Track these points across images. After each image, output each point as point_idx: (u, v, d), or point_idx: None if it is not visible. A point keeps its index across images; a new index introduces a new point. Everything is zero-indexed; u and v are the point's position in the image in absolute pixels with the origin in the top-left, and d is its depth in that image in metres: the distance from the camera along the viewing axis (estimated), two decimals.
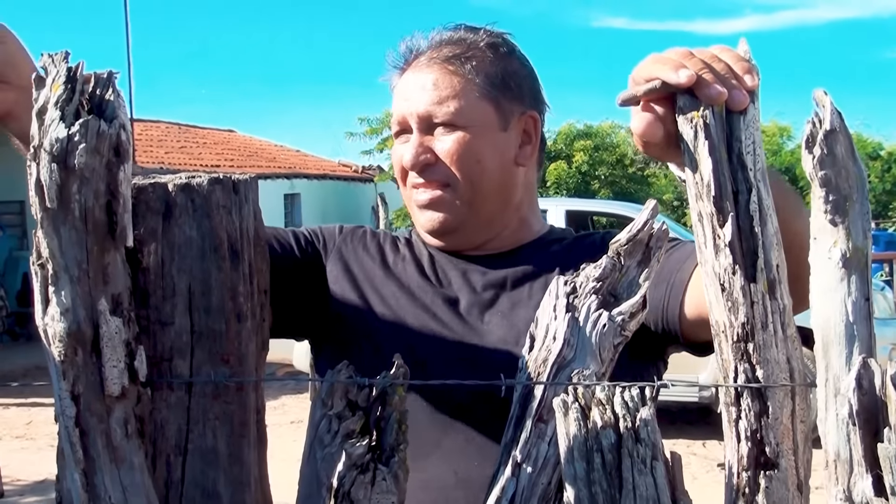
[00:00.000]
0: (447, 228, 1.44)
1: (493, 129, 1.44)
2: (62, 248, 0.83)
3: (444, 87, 1.41)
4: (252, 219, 0.90)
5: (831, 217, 0.83)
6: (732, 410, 0.89)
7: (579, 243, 1.50)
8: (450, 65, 1.43)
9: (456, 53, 1.43)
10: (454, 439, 1.34)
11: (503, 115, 1.45)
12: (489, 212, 1.45)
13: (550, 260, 1.45)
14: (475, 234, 1.47)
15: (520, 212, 1.51)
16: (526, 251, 1.49)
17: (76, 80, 0.85)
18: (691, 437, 7.21)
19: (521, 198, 1.50)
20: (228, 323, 0.89)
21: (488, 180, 1.43)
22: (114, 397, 0.85)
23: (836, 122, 0.83)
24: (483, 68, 1.43)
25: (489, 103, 1.43)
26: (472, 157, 1.41)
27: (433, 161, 1.42)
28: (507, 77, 1.45)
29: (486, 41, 1.45)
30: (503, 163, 1.45)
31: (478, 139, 1.42)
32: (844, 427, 0.81)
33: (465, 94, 1.42)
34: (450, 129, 1.41)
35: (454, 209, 1.43)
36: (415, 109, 1.42)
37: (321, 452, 0.87)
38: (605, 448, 0.84)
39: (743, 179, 0.89)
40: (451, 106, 1.40)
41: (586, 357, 0.94)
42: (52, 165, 0.81)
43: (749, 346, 0.87)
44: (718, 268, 0.88)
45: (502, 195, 1.47)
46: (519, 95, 1.47)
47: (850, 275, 0.82)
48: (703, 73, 0.95)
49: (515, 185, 1.48)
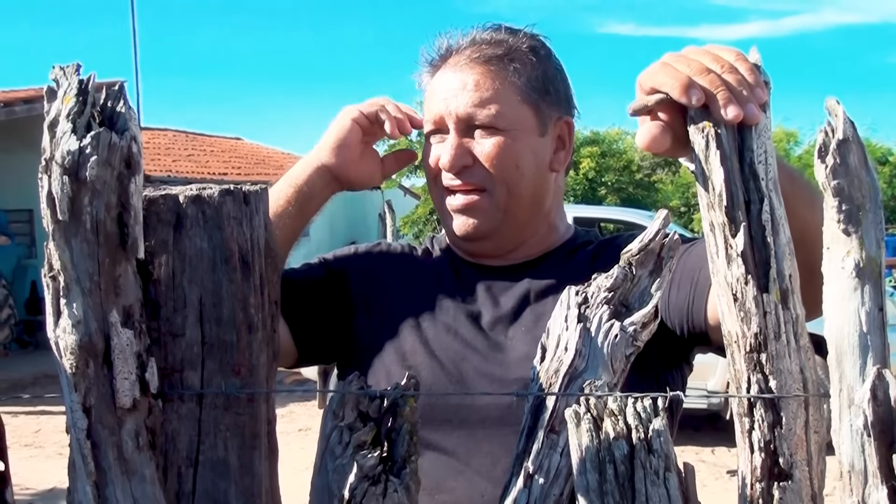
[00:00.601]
0: (481, 234, 1.43)
1: (532, 134, 1.42)
2: (74, 260, 0.83)
3: (486, 88, 1.39)
4: (263, 230, 0.90)
5: (844, 226, 0.83)
6: (745, 421, 0.88)
7: (604, 248, 1.48)
8: (492, 65, 1.40)
9: (498, 54, 1.41)
10: (481, 461, 1.32)
11: (542, 120, 1.43)
12: (523, 218, 1.44)
13: (576, 268, 1.43)
14: (507, 240, 1.46)
15: (549, 217, 1.50)
16: (551, 259, 1.48)
17: (87, 93, 0.85)
18: (700, 444, 7.18)
19: (550, 203, 1.49)
20: (239, 334, 0.88)
21: (525, 186, 1.42)
22: (125, 409, 0.85)
23: (849, 131, 0.82)
24: (525, 71, 1.41)
25: (529, 107, 1.42)
26: (512, 162, 1.40)
27: (471, 164, 1.40)
28: (546, 81, 1.44)
29: (527, 44, 1.44)
30: (539, 168, 1.44)
31: (517, 143, 1.40)
32: (859, 438, 0.81)
33: (507, 96, 1.40)
34: (490, 132, 1.39)
35: (489, 214, 1.41)
36: (454, 109, 1.39)
37: (332, 464, 0.87)
38: (618, 459, 0.83)
39: (755, 189, 0.89)
40: (493, 108, 1.38)
41: (598, 368, 0.94)
42: (64, 178, 0.81)
43: (762, 356, 0.87)
44: (731, 277, 0.88)
45: (536, 201, 1.45)
46: (556, 100, 1.46)
47: (863, 284, 0.82)
48: (719, 90, 0.93)
49: (548, 190, 1.47)
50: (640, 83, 1.00)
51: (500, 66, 1.40)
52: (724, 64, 0.96)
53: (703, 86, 0.93)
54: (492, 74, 1.40)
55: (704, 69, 0.95)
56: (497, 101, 1.39)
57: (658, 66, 0.98)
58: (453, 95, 1.40)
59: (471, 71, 1.40)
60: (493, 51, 1.41)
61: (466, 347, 1.39)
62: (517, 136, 1.40)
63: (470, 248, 1.48)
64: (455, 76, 1.41)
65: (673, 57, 0.99)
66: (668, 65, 0.97)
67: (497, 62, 1.40)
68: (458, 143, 1.40)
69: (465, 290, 1.46)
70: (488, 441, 1.31)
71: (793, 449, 0.87)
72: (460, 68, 1.41)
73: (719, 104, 0.92)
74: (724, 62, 0.96)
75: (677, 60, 0.98)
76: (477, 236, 1.43)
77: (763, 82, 0.95)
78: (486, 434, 1.31)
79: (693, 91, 0.93)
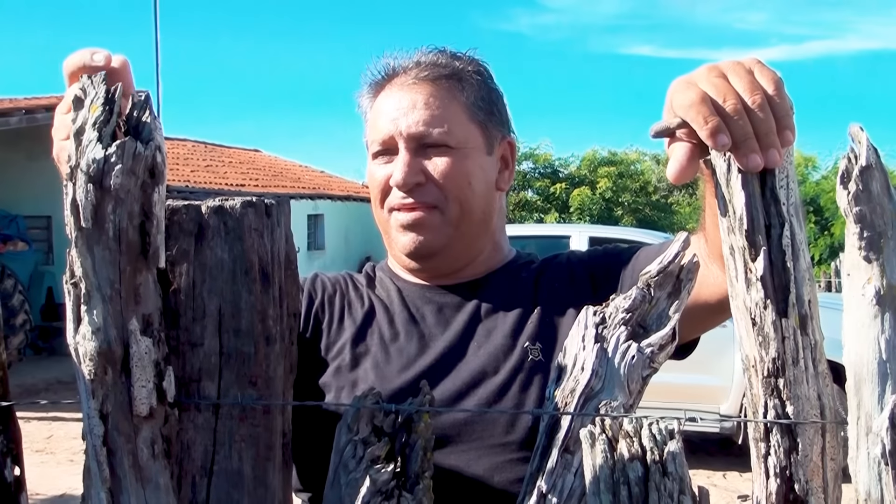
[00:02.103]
0: (430, 251, 1.43)
1: (480, 153, 1.44)
2: (95, 267, 0.84)
3: (437, 106, 1.39)
4: (283, 242, 0.91)
5: (865, 254, 0.82)
6: (762, 446, 0.88)
7: (548, 265, 1.50)
8: (441, 84, 1.41)
9: (446, 74, 1.42)
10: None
11: (488, 139, 1.45)
12: (472, 235, 1.45)
13: (522, 285, 1.45)
14: (456, 257, 1.46)
15: (495, 236, 1.51)
16: (497, 277, 1.49)
17: (114, 102, 0.86)
18: (712, 468, 7.13)
19: (497, 222, 1.51)
20: (257, 345, 0.89)
21: (476, 203, 1.43)
22: (142, 417, 0.85)
23: (872, 158, 0.82)
24: (472, 92, 1.43)
25: (477, 127, 1.43)
26: (464, 179, 1.40)
27: (424, 181, 1.39)
28: (490, 103, 1.46)
29: (473, 66, 1.45)
30: (488, 186, 1.45)
31: (468, 161, 1.41)
32: (876, 466, 0.80)
33: (457, 115, 1.41)
34: (442, 150, 1.39)
35: (440, 231, 1.41)
36: (405, 128, 1.39)
37: (346, 478, 0.87)
38: (632, 481, 0.83)
39: (776, 213, 0.89)
40: (444, 126, 1.39)
41: (614, 388, 0.93)
42: (89, 186, 0.82)
43: (780, 381, 0.86)
44: (749, 302, 0.88)
45: (485, 219, 1.46)
46: (500, 121, 1.48)
47: (883, 312, 0.82)
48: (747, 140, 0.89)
49: (495, 209, 1.49)
50: (670, 103, 0.96)
51: (449, 86, 1.41)
52: (759, 99, 0.91)
53: (732, 130, 0.89)
54: (441, 93, 1.41)
55: (739, 109, 0.90)
56: (448, 120, 1.39)
57: (695, 96, 0.92)
58: (403, 114, 1.40)
59: (420, 90, 1.41)
60: (441, 71, 1.42)
61: (420, 370, 1.38)
62: (468, 153, 1.41)
63: (418, 267, 1.47)
64: (404, 95, 1.41)
65: (711, 81, 0.93)
66: (705, 100, 0.91)
67: (446, 81, 1.41)
68: (409, 160, 1.39)
69: (414, 313, 1.45)
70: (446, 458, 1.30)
71: (809, 476, 0.86)
72: (408, 87, 1.42)
73: (742, 151, 0.89)
74: (760, 96, 0.91)
75: (716, 89, 0.92)
76: (427, 252, 1.43)
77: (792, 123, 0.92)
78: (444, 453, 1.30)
79: (721, 137, 0.89)
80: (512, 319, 1.41)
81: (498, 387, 1.34)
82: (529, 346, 1.37)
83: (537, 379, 1.34)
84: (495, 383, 1.34)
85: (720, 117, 0.90)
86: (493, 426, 1.32)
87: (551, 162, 25.71)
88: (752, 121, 0.90)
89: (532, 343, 1.37)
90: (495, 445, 1.31)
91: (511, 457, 1.30)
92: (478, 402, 1.32)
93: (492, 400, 1.33)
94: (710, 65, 0.97)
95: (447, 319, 1.44)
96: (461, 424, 1.32)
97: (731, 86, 0.93)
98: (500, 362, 1.36)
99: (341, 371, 1.40)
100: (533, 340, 1.37)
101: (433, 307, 1.45)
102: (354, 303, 1.49)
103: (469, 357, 1.38)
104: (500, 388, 1.34)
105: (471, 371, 1.36)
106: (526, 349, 1.36)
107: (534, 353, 1.36)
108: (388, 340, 1.42)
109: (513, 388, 1.34)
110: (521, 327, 1.40)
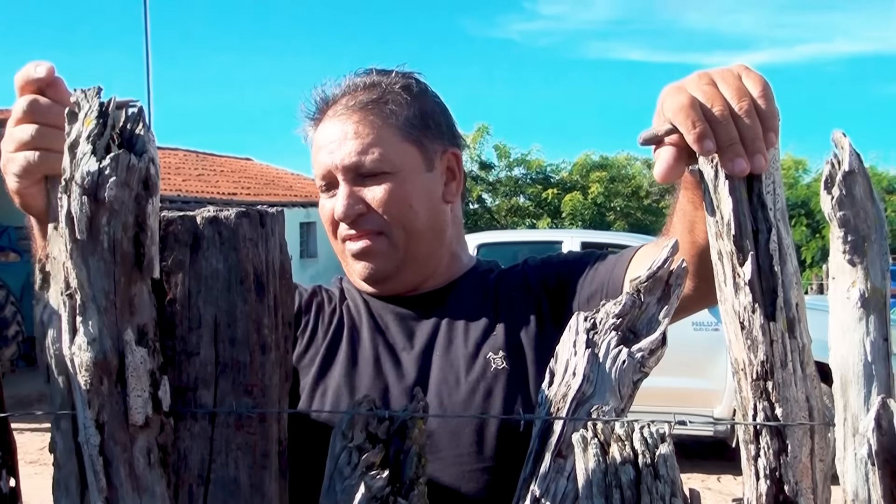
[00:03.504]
0: (383, 276, 1.44)
1: (419, 171, 1.44)
2: (90, 278, 0.84)
3: (366, 134, 1.40)
4: (278, 252, 0.92)
5: (850, 257, 0.84)
6: (751, 448, 0.89)
7: (507, 273, 1.51)
8: (368, 111, 1.41)
9: (373, 99, 1.42)
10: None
11: (427, 155, 1.45)
12: (424, 253, 1.46)
13: (482, 293, 1.47)
14: (411, 276, 1.47)
15: (451, 248, 1.52)
16: (458, 286, 1.50)
17: (108, 115, 0.86)
18: (706, 472, 7.14)
19: (451, 234, 1.51)
20: (253, 354, 0.89)
21: (421, 223, 1.43)
22: (137, 426, 0.85)
23: (855, 163, 0.84)
24: (401, 111, 1.42)
25: (412, 145, 1.43)
26: (404, 203, 1.41)
27: (365, 211, 1.41)
28: (424, 117, 1.45)
29: (400, 83, 1.45)
30: (433, 203, 1.46)
31: (407, 184, 1.41)
32: (863, 467, 0.81)
33: (388, 138, 1.41)
34: (378, 178, 1.40)
35: (388, 256, 1.43)
36: (339, 161, 1.40)
37: (341, 485, 0.88)
38: (625, 484, 0.84)
39: (763, 218, 0.90)
40: (376, 153, 1.39)
41: (605, 393, 0.94)
42: (83, 198, 0.83)
43: (768, 384, 0.88)
44: (738, 306, 0.89)
45: (435, 235, 1.47)
46: (439, 134, 1.47)
47: (868, 315, 0.83)
48: (732, 145, 0.91)
49: (446, 222, 1.49)
50: (661, 108, 0.98)
51: (376, 110, 1.42)
52: (746, 105, 0.93)
53: (719, 135, 0.92)
54: (369, 120, 1.41)
55: (726, 114, 0.93)
56: (379, 145, 1.40)
57: (685, 101, 0.95)
58: (337, 147, 1.41)
59: (349, 119, 1.41)
60: (368, 96, 1.43)
61: (387, 379, 1.40)
62: (405, 176, 1.41)
63: (377, 289, 1.49)
64: (335, 127, 1.42)
65: (700, 87, 0.96)
66: (693, 105, 0.94)
67: (373, 106, 1.42)
68: (349, 192, 1.40)
69: (379, 325, 1.47)
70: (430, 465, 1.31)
71: (798, 477, 0.87)
72: (338, 118, 1.42)
73: (728, 156, 0.91)
74: (747, 102, 0.94)
75: (705, 95, 0.95)
76: (380, 278, 1.45)
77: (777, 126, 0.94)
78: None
79: (706, 142, 0.92)
80: (473, 329, 1.42)
81: (462, 396, 1.35)
82: (492, 355, 1.38)
83: (500, 387, 1.35)
84: (460, 392, 1.36)
85: (708, 122, 0.93)
86: (460, 436, 1.33)
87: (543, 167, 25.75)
88: (739, 126, 0.92)
89: (495, 352, 1.38)
90: (462, 455, 1.31)
91: (478, 466, 1.31)
92: (443, 412, 1.33)
93: (457, 409, 1.34)
94: (701, 72, 0.99)
95: (411, 330, 1.45)
96: (427, 435, 1.32)
97: (720, 92, 0.95)
98: (463, 371, 1.37)
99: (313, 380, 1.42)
100: (495, 350, 1.39)
101: (397, 319, 1.47)
102: (325, 314, 1.50)
103: (432, 367, 1.39)
104: (464, 397, 1.35)
105: (434, 381, 1.38)
106: (488, 358, 1.38)
107: (496, 361, 1.37)
108: (357, 351, 1.44)
109: (477, 396, 1.35)
110: (484, 337, 1.41)
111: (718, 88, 0.95)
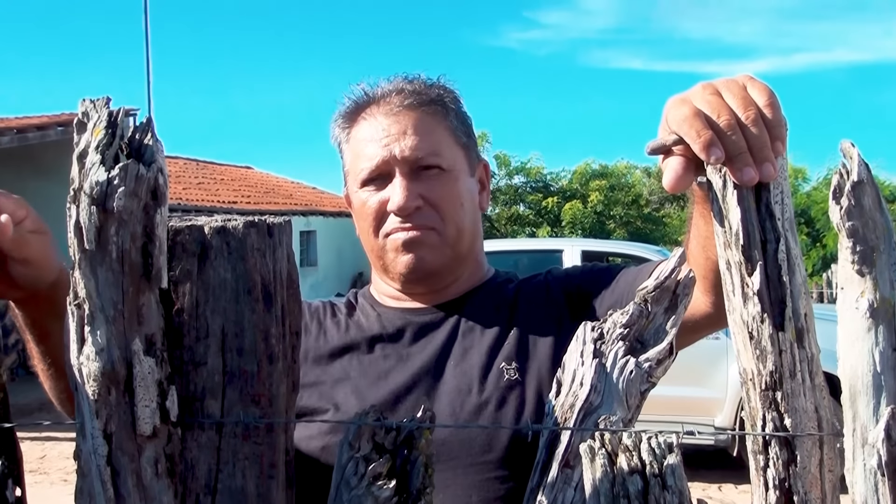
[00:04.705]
0: (428, 269, 1.45)
1: (466, 175, 1.48)
2: (99, 288, 0.84)
3: (428, 131, 1.42)
4: (285, 262, 0.91)
5: (858, 267, 0.84)
6: (760, 458, 0.89)
7: (526, 285, 1.53)
8: (429, 110, 1.44)
9: (431, 98, 1.45)
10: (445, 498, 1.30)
11: (470, 161, 1.49)
12: (464, 254, 1.48)
13: (500, 304, 1.48)
14: (448, 275, 1.48)
15: (478, 256, 1.55)
16: (476, 296, 1.51)
17: (116, 125, 0.86)
18: (707, 481, 7.13)
19: (480, 242, 1.55)
20: (260, 364, 0.89)
21: (468, 224, 1.47)
22: (145, 436, 0.85)
23: (864, 173, 0.84)
24: (453, 116, 1.47)
25: (461, 149, 1.47)
26: (458, 201, 1.44)
27: (421, 205, 1.42)
28: (467, 126, 1.50)
29: (449, 93, 1.49)
30: (474, 207, 1.50)
31: (459, 183, 1.45)
32: (872, 477, 0.81)
33: (445, 138, 1.44)
34: (436, 173, 1.42)
35: (438, 251, 1.44)
36: (399, 153, 1.41)
37: (348, 495, 0.88)
38: (632, 494, 0.84)
39: (771, 228, 0.90)
40: (437, 149, 1.42)
41: (613, 403, 0.94)
42: (92, 208, 0.83)
43: (777, 394, 0.88)
44: (747, 316, 0.89)
45: (473, 238, 1.51)
46: (475, 144, 1.53)
47: (877, 325, 0.83)
48: (740, 154, 0.91)
49: (481, 228, 1.54)
50: (665, 120, 0.98)
51: (435, 111, 1.45)
52: (753, 114, 0.93)
53: (727, 145, 0.91)
54: (430, 118, 1.44)
55: (732, 124, 0.92)
56: (439, 143, 1.43)
57: (689, 111, 0.94)
58: (395, 140, 1.42)
59: (407, 115, 1.43)
60: (425, 97, 1.45)
61: (398, 391, 1.39)
62: (458, 176, 1.45)
63: (410, 287, 1.49)
64: (392, 121, 1.43)
65: (705, 98, 0.96)
66: (698, 115, 0.94)
67: (433, 106, 1.45)
68: (407, 185, 1.41)
69: (393, 336, 1.47)
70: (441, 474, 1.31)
71: (807, 487, 0.87)
72: (395, 114, 1.44)
73: (737, 165, 0.91)
74: (753, 111, 0.93)
75: (710, 105, 0.94)
76: (424, 272, 1.45)
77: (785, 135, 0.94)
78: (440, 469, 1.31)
79: (714, 150, 0.91)
80: (489, 338, 1.42)
81: (474, 406, 1.35)
82: (505, 365, 1.38)
83: (513, 398, 1.35)
84: (472, 402, 1.35)
85: (715, 133, 0.92)
86: (470, 445, 1.32)
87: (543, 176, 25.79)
88: (746, 136, 0.92)
89: (508, 363, 1.38)
90: (472, 464, 1.31)
91: (488, 475, 1.31)
92: (454, 421, 1.33)
93: (468, 419, 1.34)
94: (705, 83, 0.99)
95: (426, 338, 1.45)
96: (438, 444, 1.32)
97: (725, 102, 0.95)
98: (477, 381, 1.38)
99: (322, 394, 1.42)
100: (509, 360, 1.39)
101: (412, 328, 1.47)
102: (330, 329, 1.50)
103: (446, 376, 1.40)
104: (476, 406, 1.35)
105: (447, 390, 1.38)
106: (502, 369, 1.38)
107: (510, 372, 1.37)
108: (367, 362, 1.44)
109: (489, 406, 1.35)
110: (498, 347, 1.41)
111: (724, 99, 0.95)
